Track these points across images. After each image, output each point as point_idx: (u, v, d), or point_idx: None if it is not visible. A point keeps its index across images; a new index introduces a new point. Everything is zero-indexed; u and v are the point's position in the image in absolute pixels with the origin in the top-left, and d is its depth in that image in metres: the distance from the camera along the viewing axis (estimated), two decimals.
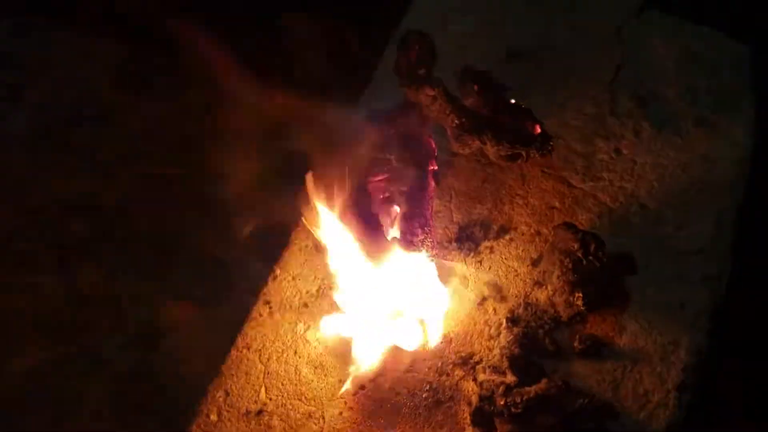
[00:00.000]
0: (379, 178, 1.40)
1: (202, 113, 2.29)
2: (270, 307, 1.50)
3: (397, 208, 1.43)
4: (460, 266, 1.51)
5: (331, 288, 1.49)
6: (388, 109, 1.50)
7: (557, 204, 1.56)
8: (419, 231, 1.39)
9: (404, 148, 1.43)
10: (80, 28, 2.48)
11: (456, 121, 1.45)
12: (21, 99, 2.34)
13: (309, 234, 1.52)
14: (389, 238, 1.41)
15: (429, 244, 1.40)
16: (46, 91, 2.40)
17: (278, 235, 1.65)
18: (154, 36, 2.16)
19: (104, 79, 2.42)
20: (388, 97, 1.56)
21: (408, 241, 1.39)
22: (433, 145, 1.49)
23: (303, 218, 1.42)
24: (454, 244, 1.55)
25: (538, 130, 1.46)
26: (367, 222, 1.36)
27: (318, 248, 1.56)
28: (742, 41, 1.76)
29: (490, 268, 1.51)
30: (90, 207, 2.15)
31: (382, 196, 1.41)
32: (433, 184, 1.45)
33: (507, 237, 1.54)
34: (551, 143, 1.47)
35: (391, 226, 1.45)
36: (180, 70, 2.19)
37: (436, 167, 1.47)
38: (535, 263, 1.50)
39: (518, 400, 1.32)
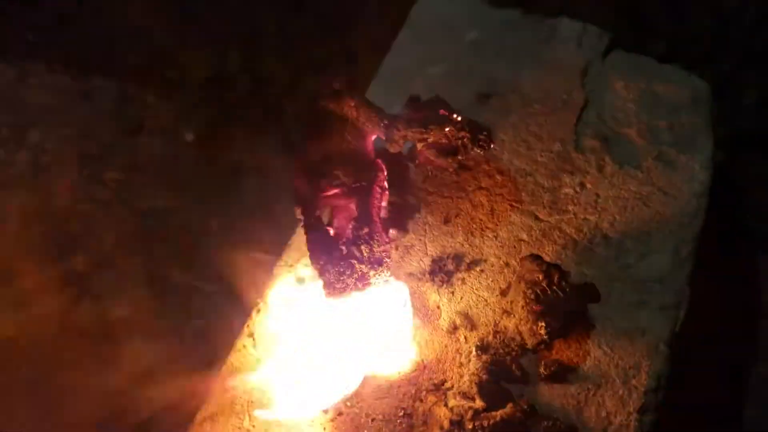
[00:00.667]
0: (332, 192, 1.42)
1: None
2: (254, 340, 1.59)
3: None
4: (434, 296, 1.60)
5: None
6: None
7: (525, 237, 1.65)
8: (344, 272, 1.40)
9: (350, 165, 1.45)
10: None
11: (385, 122, 1.53)
12: (24, 140, 2.45)
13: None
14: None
15: (356, 284, 1.42)
16: (47, 132, 2.51)
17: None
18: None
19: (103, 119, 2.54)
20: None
21: (331, 286, 1.42)
22: (382, 165, 1.51)
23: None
24: (428, 276, 1.63)
25: (458, 117, 1.54)
26: (322, 242, 1.41)
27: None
28: (702, 77, 1.86)
29: (461, 299, 1.59)
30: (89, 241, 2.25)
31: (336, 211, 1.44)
32: (381, 200, 1.48)
33: (478, 269, 1.63)
34: (484, 134, 1.54)
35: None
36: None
37: (384, 185, 1.49)
38: (503, 293, 1.58)
39: (485, 424, 1.39)
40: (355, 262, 1.41)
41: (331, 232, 1.44)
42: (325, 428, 1.46)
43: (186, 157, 2.35)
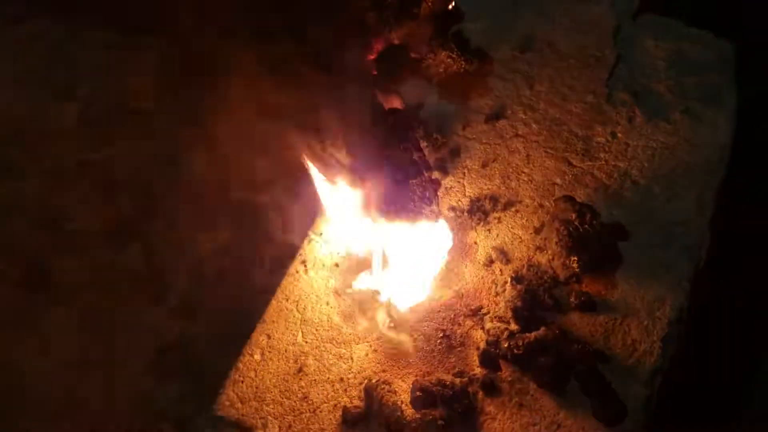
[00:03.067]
0: (405, 145, 1.56)
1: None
2: (305, 266, 1.71)
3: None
4: (471, 233, 1.72)
5: (356, 250, 1.70)
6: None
7: (558, 180, 1.76)
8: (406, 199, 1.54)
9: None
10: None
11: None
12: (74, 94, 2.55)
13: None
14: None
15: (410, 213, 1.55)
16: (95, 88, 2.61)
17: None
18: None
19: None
20: None
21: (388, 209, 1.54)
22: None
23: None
24: (466, 215, 1.75)
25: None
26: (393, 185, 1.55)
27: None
28: (727, 40, 1.96)
29: (497, 236, 1.71)
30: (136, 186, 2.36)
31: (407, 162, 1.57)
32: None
33: (513, 209, 1.74)
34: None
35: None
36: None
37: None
38: (537, 231, 1.69)
39: (520, 343, 1.51)
40: (415, 195, 1.54)
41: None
42: (371, 345, 1.59)
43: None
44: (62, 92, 2.62)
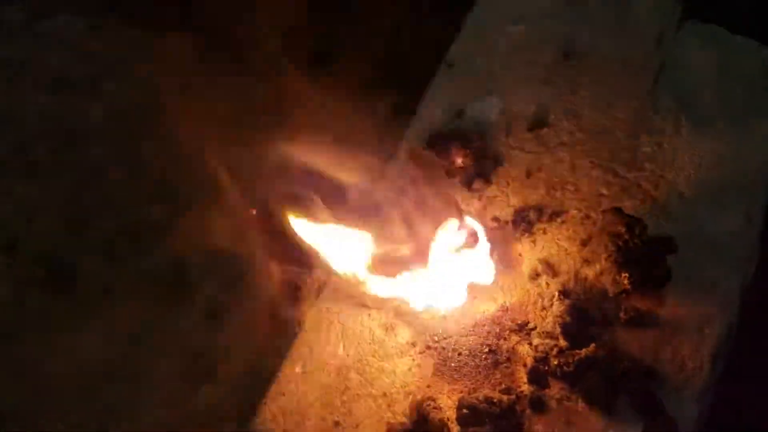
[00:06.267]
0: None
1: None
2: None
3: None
4: (516, 245, 1.68)
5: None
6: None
7: (605, 191, 1.72)
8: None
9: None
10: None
11: None
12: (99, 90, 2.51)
13: None
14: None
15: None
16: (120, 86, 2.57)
17: None
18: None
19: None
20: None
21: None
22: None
23: None
24: (510, 226, 1.71)
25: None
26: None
27: None
28: None
29: (543, 248, 1.67)
30: (165, 192, 2.32)
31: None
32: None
33: (559, 220, 1.70)
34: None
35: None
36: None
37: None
38: (584, 243, 1.65)
39: (570, 360, 1.49)
40: None
41: None
42: (414, 359, 1.56)
43: None
44: (87, 90, 2.58)
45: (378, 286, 1.58)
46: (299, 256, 1.68)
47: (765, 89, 1.84)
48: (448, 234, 1.55)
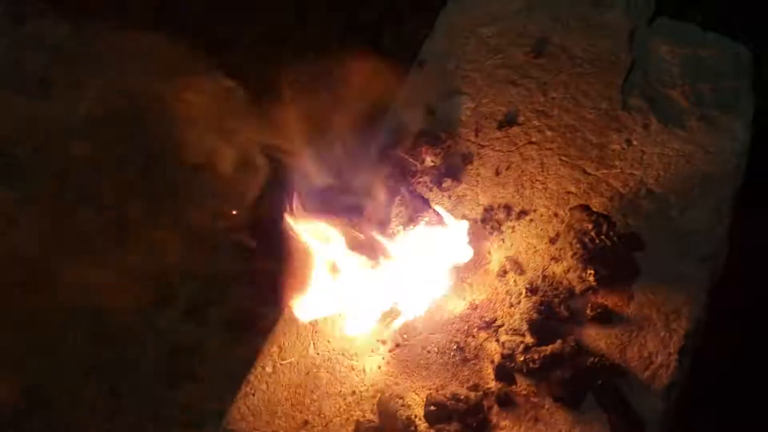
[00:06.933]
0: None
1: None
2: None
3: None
4: (485, 243, 1.69)
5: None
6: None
7: (573, 189, 1.73)
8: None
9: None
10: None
11: None
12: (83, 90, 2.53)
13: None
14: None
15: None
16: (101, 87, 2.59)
17: None
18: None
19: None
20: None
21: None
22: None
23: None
24: (479, 224, 1.72)
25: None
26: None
27: None
28: (744, 45, 1.92)
29: (511, 245, 1.68)
30: (144, 189, 2.34)
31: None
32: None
33: (527, 218, 1.71)
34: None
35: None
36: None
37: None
38: (552, 241, 1.67)
39: (536, 357, 1.49)
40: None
41: None
42: (383, 357, 1.57)
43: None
44: (68, 92, 2.60)
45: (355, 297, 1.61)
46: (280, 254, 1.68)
47: (734, 86, 1.84)
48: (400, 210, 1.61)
